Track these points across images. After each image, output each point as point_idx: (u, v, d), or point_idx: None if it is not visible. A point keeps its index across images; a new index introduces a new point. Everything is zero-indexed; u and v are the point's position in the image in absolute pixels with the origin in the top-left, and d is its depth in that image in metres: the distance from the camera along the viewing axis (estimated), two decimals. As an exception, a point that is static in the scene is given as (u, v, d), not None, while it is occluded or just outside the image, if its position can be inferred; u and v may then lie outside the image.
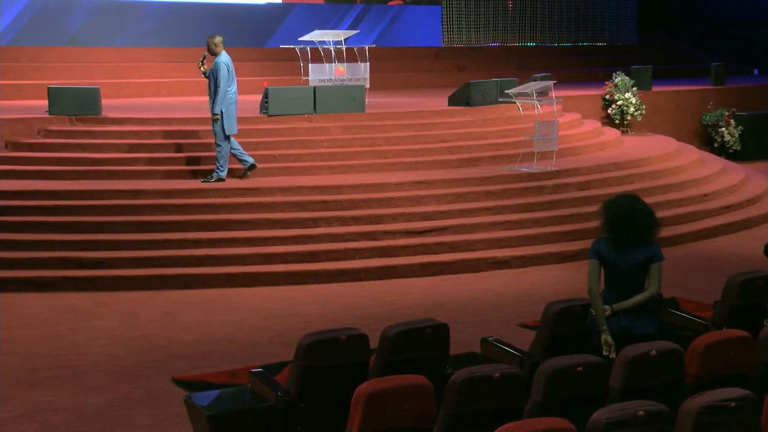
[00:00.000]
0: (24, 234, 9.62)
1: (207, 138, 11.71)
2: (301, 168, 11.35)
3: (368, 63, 14.54)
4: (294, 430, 4.92)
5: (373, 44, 16.67)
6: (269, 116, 12.19)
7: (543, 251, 10.22)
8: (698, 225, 11.47)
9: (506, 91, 12.63)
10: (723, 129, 17.22)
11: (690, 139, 16.72)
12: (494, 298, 8.87)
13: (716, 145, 17.16)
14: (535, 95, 11.96)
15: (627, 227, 5.15)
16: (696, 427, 3.66)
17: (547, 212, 10.98)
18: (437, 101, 14.37)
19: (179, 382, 6.58)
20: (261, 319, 8.18)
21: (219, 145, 10.58)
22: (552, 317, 5.46)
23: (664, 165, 13.27)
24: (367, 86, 13.86)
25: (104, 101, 12.44)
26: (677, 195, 12.13)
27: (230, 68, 10.58)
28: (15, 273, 9.08)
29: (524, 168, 11.73)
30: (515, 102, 12.36)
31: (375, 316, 8.00)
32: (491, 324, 7.91)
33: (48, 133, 11.68)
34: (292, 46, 14.50)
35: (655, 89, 17.21)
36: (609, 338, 5.11)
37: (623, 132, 15.65)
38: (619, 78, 16.12)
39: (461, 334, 6.77)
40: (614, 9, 23.85)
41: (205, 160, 11.28)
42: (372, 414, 4.12)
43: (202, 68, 10.75)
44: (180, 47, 17.44)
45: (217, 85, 10.43)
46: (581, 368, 4.26)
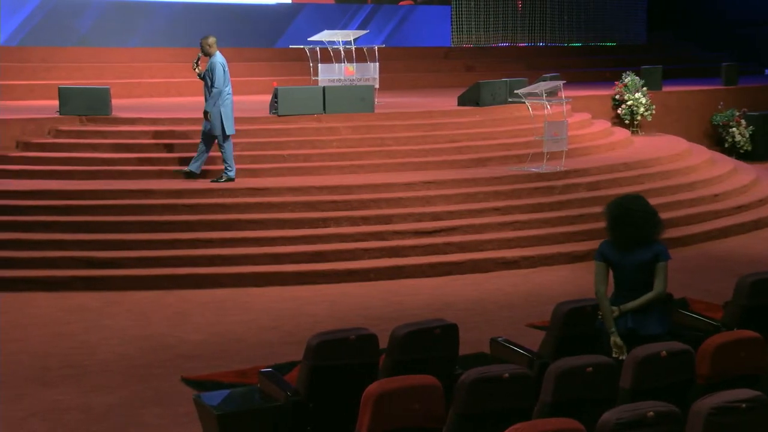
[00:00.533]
0: (35, 234, 9.66)
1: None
2: (311, 168, 11.36)
3: (377, 63, 14.54)
4: (303, 430, 4.93)
5: (383, 44, 16.67)
6: (279, 116, 12.21)
7: (552, 251, 10.21)
8: (709, 225, 11.43)
9: (516, 91, 12.62)
10: (734, 129, 17.16)
11: (700, 140, 16.66)
12: (503, 299, 8.86)
13: (727, 146, 17.10)
14: (545, 95, 11.95)
15: (628, 228, 5.15)
16: (706, 428, 3.65)
17: (557, 212, 10.97)
18: (446, 101, 14.37)
19: (189, 382, 6.59)
20: (270, 319, 8.20)
21: (222, 146, 10.60)
22: (561, 317, 5.46)
23: (675, 165, 13.23)
24: (377, 86, 13.87)
25: (114, 101, 12.48)
26: (688, 195, 12.10)
27: (225, 68, 10.57)
28: (26, 272, 9.13)
29: (534, 168, 11.72)
30: (525, 102, 12.34)
31: (384, 316, 8.01)
32: (500, 324, 7.90)
33: (59, 133, 11.73)
34: (302, 46, 14.52)
35: (665, 89, 17.16)
36: (618, 340, 5.10)
37: (633, 132, 15.61)
38: (629, 78, 16.08)
39: (470, 335, 6.77)
40: (624, 9, 23.79)
41: (215, 161, 11.29)
42: (381, 414, 4.13)
43: (197, 69, 10.77)
44: (190, 47, 17.38)
45: (214, 85, 10.44)
46: (591, 369, 4.26)
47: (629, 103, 15.89)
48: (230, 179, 10.63)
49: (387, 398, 4.14)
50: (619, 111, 16.02)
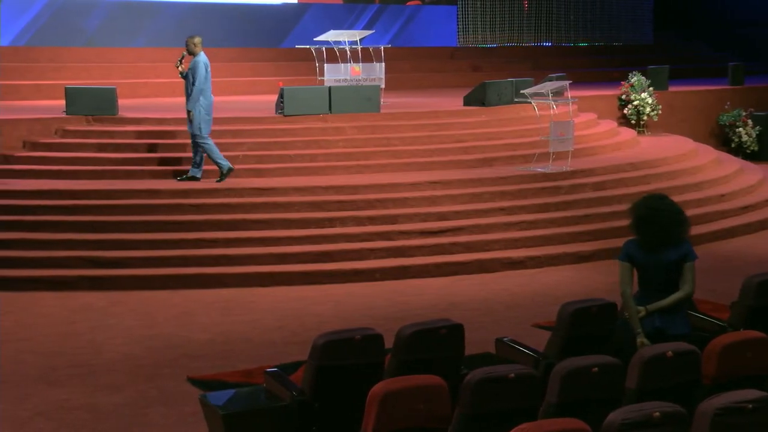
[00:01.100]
0: (41, 233, 9.68)
1: (223, 138, 11.75)
2: (317, 168, 11.37)
3: (383, 63, 14.54)
4: (309, 430, 4.93)
5: (389, 44, 16.67)
6: (285, 116, 12.22)
7: (558, 251, 10.20)
8: (715, 225, 11.40)
9: (522, 91, 12.61)
10: (740, 129, 17.12)
11: (707, 140, 16.63)
12: (509, 299, 8.86)
13: (733, 146, 17.07)
14: (551, 95, 11.93)
15: (654, 228, 5.11)
16: (713, 429, 3.64)
17: (563, 212, 10.96)
18: (452, 101, 14.36)
19: (195, 382, 6.60)
20: (276, 319, 8.20)
21: (203, 146, 10.58)
22: (567, 318, 5.44)
23: (681, 165, 13.21)
24: (383, 86, 13.87)
25: (121, 101, 12.51)
26: (694, 195, 12.07)
27: (208, 69, 10.57)
28: (32, 272, 9.15)
29: (540, 168, 11.71)
30: (531, 102, 12.33)
31: (390, 316, 8.01)
32: (506, 324, 7.89)
33: (65, 133, 11.75)
34: (308, 46, 14.53)
35: (672, 89, 17.13)
36: (645, 340, 5.06)
37: (639, 132, 15.58)
38: (636, 78, 16.05)
39: (476, 335, 6.76)
40: (630, 9, 23.75)
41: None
42: (386, 414, 4.13)
43: (180, 68, 10.78)
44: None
45: (194, 84, 10.45)
46: (597, 369, 4.25)
47: (635, 103, 15.86)
48: (230, 170, 10.61)
49: (392, 398, 4.14)
50: (626, 111, 16.00)
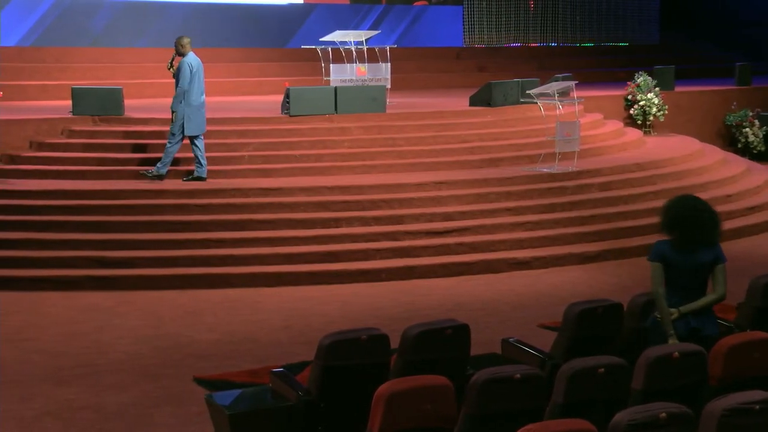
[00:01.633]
0: (48, 233, 9.70)
1: (229, 138, 11.78)
2: (322, 168, 11.37)
3: (389, 63, 14.54)
4: (315, 430, 4.93)
5: (395, 44, 16.67)
6: (290, 116, 12.23)
7: (564, 252, 10.19)
8: (722, 226, 11.35)
9: (528, 92, 12.60)
10: (747, 129, 17.08)
11: (713, 140, 16.60)
12: (515, 299, 8.85)
13: (740, 146, 17.03)
14: (557, 95, 11.92)
15: (694, 228, 5.07)
16: (720, 430, 3.63)
17: (569, 213, 10.94)
18: (458, 101, 14.35)
19: (201, 382, 6.61)
20: (282, 319, 8.21)
21: (170, 143, 10.57)
22: (573, 318, 5.44)
23: (687, 166, 13.19)
24: (388, 86, 13.86)
25: (127, 101, 12.53)
26: (700, 196, 11.89)
27: (194, 69, 10.56)
28: (39, 272, 9.17)
29: (545, 168, 11.69)
30: (536, 102, 12.32)
31: (395, 317, 8.01)
32: (512, 325, 7.89)
33: (71, 133, 11.78)
34: (314, 47, 14.54)
35: (678, 89, 17.10)
36: (677, 341, 5.04)
37: (645, 132, 15.56)
38: (642, 78, 16.03)
39: (482, 335, 6.76)
40: (636, 9, 23.70)
41: (228, 160, 11.33)
42: (392, 414, 4.13)
43: (172, 69, 10.79)
44: (202, 48, 17.45)
45: (176, 84, 10.46)
46: (603, 369, 4.25)
47: (641, 104, 15.84)
48: (160, 176, 10.56)
49: (398, 398, 4.14)
50: (632, 111, 15.97)
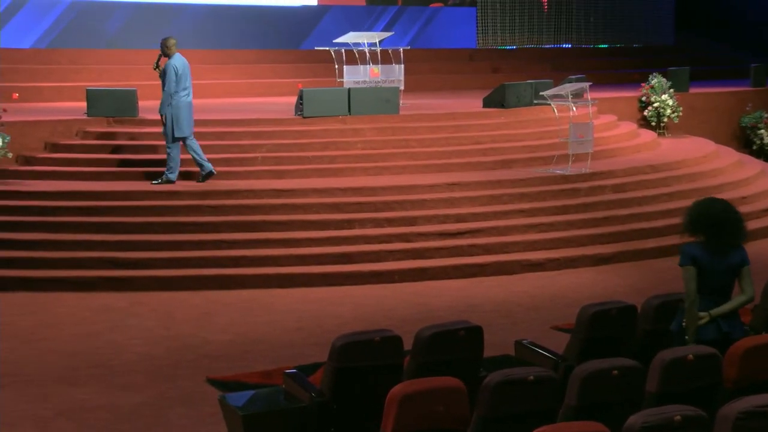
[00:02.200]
0: (62, 234, 9.75)
1: (242, 140, 11.80)
2: (335, 169, 11.38)
3: (403, 65, 14.54)
4: (327, 431, 4.94)
5: (408, 46, 16.66)
6: (304, 118, 12.24)
7: (577, 254, 10.16)
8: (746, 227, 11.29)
9: (541, 93, 12.56)
10: (762, 131, 16.99)
11: (728, 142, 16.51)
12: (528, 301, 8.83)
13: (755, 148, 16.94)
14: (570, 97, 11.89)
15: (725, 231, 5.04)
16: (734, 433, 3.61)
17: (582, 215, 10.91)
18: (471, 103, 14.34)
19: (214, 382, 6.62)
20: (295, 320, 8.22)
21: (169, 148, 10.58)
22: (587, 320, 5.42)
23: (702, 167, 13.12)
24: (402, 88, 13.87)
25: (141, 103, 12.57)
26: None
27: (179, 71, 10.54)
28: (53, 273, 9.21)
29: (559, 170, 11.67)
30: (550, 104, 12.28)
31: (408, 318, 8.00)
32: (525, 326, 7.87)
33: (86, 135, 11.83)
34: (327, 48, 14.56)
35: (693, 91, 17.03)
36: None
37: (660, 134, 15.50)
38: (656, 79, 15.97)
39: (495, 337, 6.74)
40: (651, 10, 23.61)
41: (241, 162, 11.36)
42: (405, 416, 4.12)
43: (158, 70, 10.81)
44: (216, 50, 17.59)
45: (162, 87, 10.48)
46: (617, 372, 4.23)
47: (656, 105, 15.78)
48: (170, 181, 10.58)
49: (411, 400, 4.14)
50: (646, 113, 15.92)
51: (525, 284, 9.41)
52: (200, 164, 10.69)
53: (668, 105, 15.75)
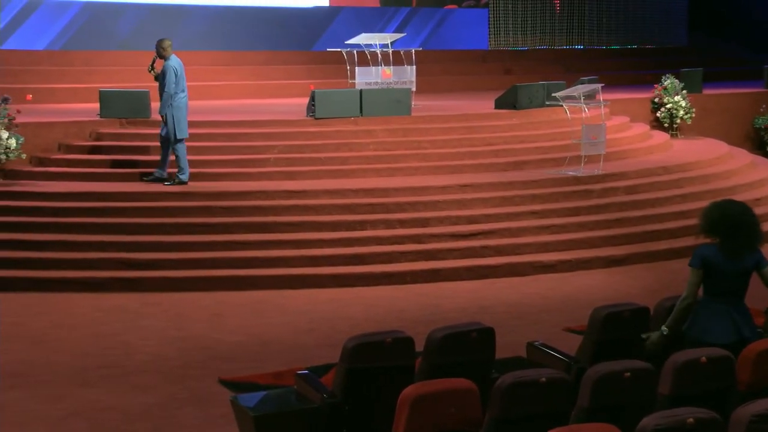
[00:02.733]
0: (75, 235, 9.78)
1: (254, 141, 11.81)
2: (347, 171, 11.38)
3: (414, 66, 14.54)
4: (339, 432, 4.94)
5: (420, 47, 16.67)
6: (316, 119, 12.25)
7: (590, 255, 10.13)
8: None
9: (553, 94, 12.54)
10: (776, 132, 16.91)
11: (741, 143, 16.43)
12: (540, 302, 8.81)
13: (769, 149, 16.87)
14: (583, 98, 11.85)
15: (742, 234, 4.99)
16: (747, 436, 3.59)
17: (594, 216, 10.88)
18: (484, 104, 14.32)
19: (226, 383, 6.63)
20: (307, 322, 8.22)
21: (175, 149, 10.61)
22: (599, 322, 5.40)
23: (715, 169, 13.07)
24: (414, 89, 13.87)
25: (154, 104, 12.59)
26: (728, 199, 11.91)
27: (178, 72, 10.59)
28: (66, 273, 9.25)
29: (571, 171, 11.64)
30: (562, 105, 12.26)
31: (420, 319, 7.99)
32: (537, 328, 7.85)
33: (99, 136, 11.87)
34: (339, 50, 14.56)
35: (706, 92, 16.95)
36: (660, 340, 5.07)
37: (672, 135, 15.43)
38: (669, 81, 15.91)
39: (507, 338, 6.73)
40: (663, 11, 23.52)
41: (253, 163, 11.37)
42: (417, 417, 4.12)
43: (153, 72, 10.82)
44: (227, 51, 17.63)
45: (163, 88, 10.50)
46: (629, 374, 4.21)
47: (668, 106, 15.72)
48: (182, 182, 10.61)
49: (423, 401, 4.13)
50: (658, 114, 15.85)
51: (537, 286, 9.39)
52: (179, 167, 10.71)
53: (681, 106, 15.69)
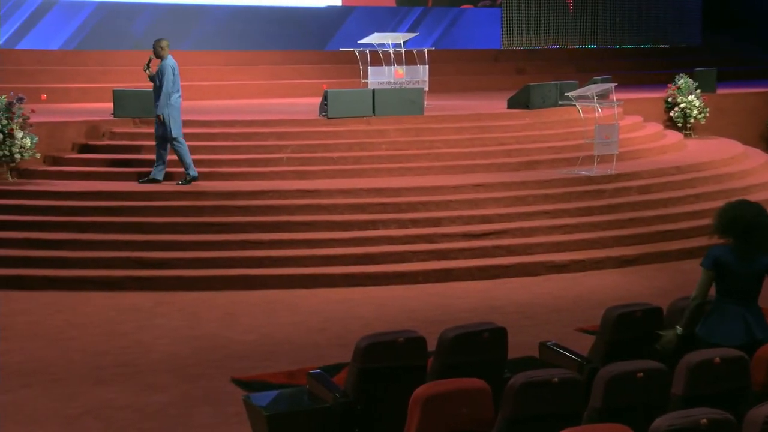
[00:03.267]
0: (89, 234, 9.84)
1: (267, 140, 11.85)
2: (360, 170, 11.40)
3: (427, 66, 14.54)
4: (351, 432, 4.95)
5: (432, 47, 16.67)
6: (328, 119, 12.27)
7: (602, 255, 10.11)
8: None
9: (566, 94, 12.52)
10: (790, 132, 16.84)
11: (756, 143, 16.36)
12: (552, 302, 8.80)
13: (783, 149, 16.78)
14: (596, 98, 11.83)
15: (757, 235, 4.96)
16: (761, 437, 3.58)
17: (607, 216, 10.86)
18: (496, 104, 14.31)
19: (239, 382, 6.66)
20: (319, 321, 8.24)
21: (175, 147, 10.63)
22: (612, 322, 5.40)
23: (729, 169, 13.02)
24: (426, 89, 13.86)
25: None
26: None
27: (176, 72, 10.63)
28: (80, 272, 9.30)
29: (584, 171, 11.61)
30: (575, 105, 12.24)
31: (432, 319, 8.00)
32: (549, 328, 7.85)
33: (113, 135, 11.93)
34: (352, 49, 14.58)
35: (720, 91, 16.88)
36: (675, 339, 5.09)
37: (686, 135, 15.39)
38: (682, 80, 15.85)
39: (519, 338, 6.72)
40: (677, 10, 23.43)
41: (266, 162, 11.40)
42: (429, 417, 4.13)
43: (148, 72, 10.85)
44: (241, 50, 17.68)
45: (161, 88, 10.53)
46: (642, 374, 4.21)
47: (682, 106, 15.67)
48: (194, 179, 10.65)
49: (435, 401, 4.14)
50: (672, 114, 15.81)
51: (549, 286, 9.38)
52: (162, 164, 10.74)
53: (695, 106, 15.63)
